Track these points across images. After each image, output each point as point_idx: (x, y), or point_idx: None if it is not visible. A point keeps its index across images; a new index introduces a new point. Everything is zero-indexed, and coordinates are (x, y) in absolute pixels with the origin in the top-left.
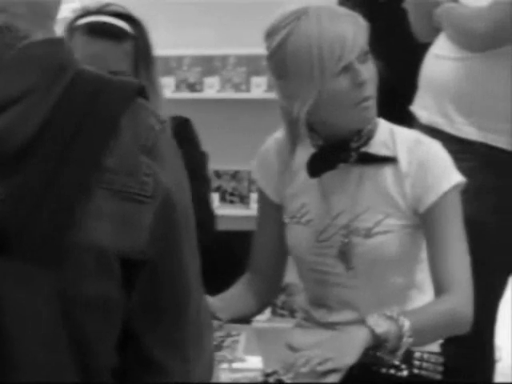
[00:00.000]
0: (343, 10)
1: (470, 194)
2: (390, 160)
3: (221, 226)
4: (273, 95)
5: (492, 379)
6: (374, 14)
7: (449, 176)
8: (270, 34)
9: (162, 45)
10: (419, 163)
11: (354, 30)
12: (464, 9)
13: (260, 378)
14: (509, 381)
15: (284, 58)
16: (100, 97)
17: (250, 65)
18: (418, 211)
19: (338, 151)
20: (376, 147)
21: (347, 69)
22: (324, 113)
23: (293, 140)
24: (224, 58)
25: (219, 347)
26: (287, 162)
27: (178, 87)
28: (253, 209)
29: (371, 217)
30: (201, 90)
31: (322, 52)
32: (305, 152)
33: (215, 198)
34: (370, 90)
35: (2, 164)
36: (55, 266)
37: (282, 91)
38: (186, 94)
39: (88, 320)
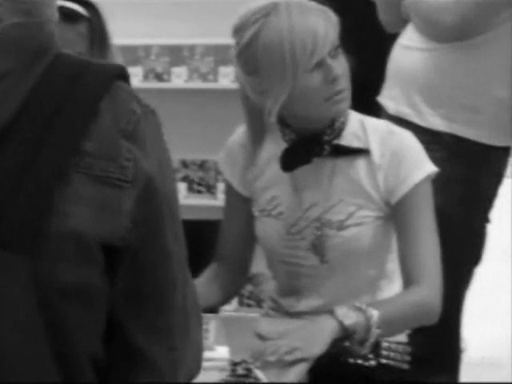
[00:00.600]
0: (313, 5)
1: (438, 185)
2: (363, 152)
3: (188, 216)
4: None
5: (458, 369)
6: (343, 6)
7: (421, 166)
8: (238, 30)
9: (130, 34)
10: (392, 154)
11: (325, 24)
12: (431, 0)
13: (228, 368)
14: (474, 371)
15: (255, 54)
16: (79, 80)
17: (218, 55)
18: (389, 202)
19: (311, 145)
20: (347, 139)
21: (320, 64)
22: (297, 107)
23: (259, 134)
24: (192, 48)
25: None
26: (255, 155)
27: (145, 77)
28: (220, 199)
29: (344, 209)
30: (168, 80)
31: (294, 48)
32: (274, 145)
33: (182, 187)
34: (343, 84)
35: None
36: (32, 252)
37: (253, 87)
38: (154, 84)
39: (67, 308)
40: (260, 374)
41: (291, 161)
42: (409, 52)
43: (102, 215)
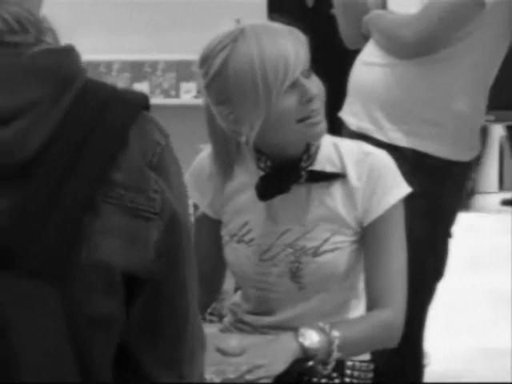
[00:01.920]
0: (280, 27)
1: None
2: (339, 176)
3: None
4: (202, 101)
5: (421, 383)
6: (304, 23)
7: (397, 187)
8: (205, 60)
9: (92, 50)
10: (368, 174)
11: (295, 45)
12: (392, 16)
13: None
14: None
15: (225, 83)
16: (108, 109)
17: (180, 70)
18: (363, 223)
19: (288, 172)
20: (321, 164)
21: (293, 85)
22: (272, 133)
23: (228, 166)
24: (154, 64)
25: None
26: (223, 185)
27: None
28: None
29: (318, 235)
30: None
31: (265, 72)
32: (246, 173)
33: None
34: (318, 104)
35: (8, 177)
36: (62, 281)
37: (225, 117)
38: None
39: (92, 337)
40: None
41: (268, 189)
42: (370, 68)
43: (130, 247)
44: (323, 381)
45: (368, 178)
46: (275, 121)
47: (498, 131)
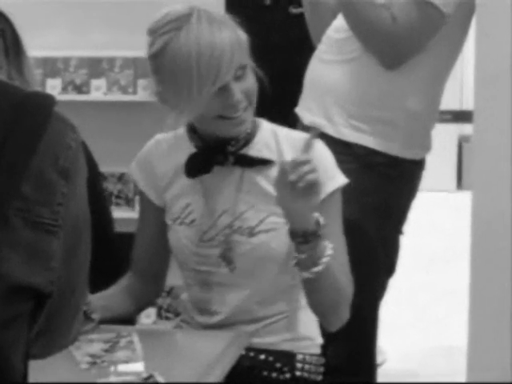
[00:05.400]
0: (224, 22)
1: (351, 196)
2: (269, 162)
3: None
4: None
5: (374, 379)
6: (260, 18)
7: (333, 177)
8: (150, 33)
9: (50, 46)
10: None
11: (232, 46)
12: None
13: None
14: (394, 381)
15: (161, 67)
16: (19, 114)
17: (137, 67)
18: None
19: (214, 154)
20: (256, 149)
21: (222, 88)
22: (198, 123)
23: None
24: (111, 61)
25: (115, 348)
26: (168, 163)
27: (64, 89)
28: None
29: (254, 216)
30: (88, 92)
31: (199, 72)
32: (183, 153)
33: None
34: (244, 105)
35: None
36: None
37: (160, 94)
38: (73, 96)
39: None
40: None
41: (194, 168)
42: (326, 64)
43: (34, 262)
44: (274, 374)
45: None
46: (200, 115)
47: None
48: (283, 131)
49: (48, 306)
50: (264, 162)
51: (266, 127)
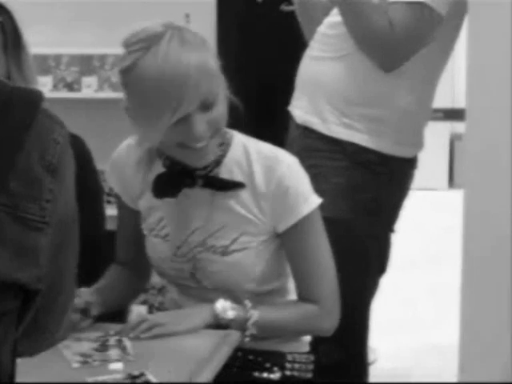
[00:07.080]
0: (199, 46)
1: (341, 193)
2: (239, 185)
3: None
4: None
5: (365, 379)
6: (252, 15)
7: (306, 200)
8: (124, 47)
9: (41, 43)
10: (278, 184)
11: (199, 73)
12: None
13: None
14: (385, 381)
15: (129, 83)
16: (6, 109)
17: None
18: (277, 229)
19: (182, 177)
20: (228, 168)
21: (183, 119)
22: (162, 147)
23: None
24: (102, 58)
25: (105, 347)
26: (137, 175)
27: (55, 86)
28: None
29: (227, 234)
30: (79, 90)
31: (159, 100)
32: (155, 169)
33: None
34: (208, 135)
35: None
36: None
37: (127, 109)
38: (64, 94)
39: None
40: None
41: (161, 190)
42: (318, 62)
43: (20, 259)
44: (264, 375)
45: (277, 187)
46: (161, 142)
47: None
48: (255, 147)
49: (36, 303)
50: (234, 186)
51: (238, 142)
